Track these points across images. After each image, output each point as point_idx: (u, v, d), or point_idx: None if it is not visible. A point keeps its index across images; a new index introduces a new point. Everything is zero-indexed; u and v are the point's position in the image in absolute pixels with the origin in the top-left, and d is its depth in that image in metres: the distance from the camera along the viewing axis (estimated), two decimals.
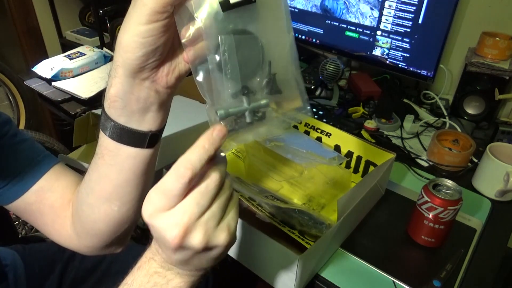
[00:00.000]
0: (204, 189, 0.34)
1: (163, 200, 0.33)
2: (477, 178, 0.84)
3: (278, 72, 0.35)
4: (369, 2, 1.10)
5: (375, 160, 0.79)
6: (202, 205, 0.34)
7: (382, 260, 0.66)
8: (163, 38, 0.34)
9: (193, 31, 0.33)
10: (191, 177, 0.33)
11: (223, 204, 0.36)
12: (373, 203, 0.77)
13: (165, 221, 0.33)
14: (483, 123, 1.05)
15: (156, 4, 0.32)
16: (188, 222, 0.33)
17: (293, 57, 0.36)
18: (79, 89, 1.12)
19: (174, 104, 0.45)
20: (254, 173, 0.83)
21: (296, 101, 0.37)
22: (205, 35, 0.32)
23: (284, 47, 0.35)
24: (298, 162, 0.72)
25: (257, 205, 0.66)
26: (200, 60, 0.34)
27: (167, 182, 0.33)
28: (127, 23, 0.34)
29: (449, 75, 1.17)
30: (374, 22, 1.11)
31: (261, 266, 0.62)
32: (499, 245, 0.72)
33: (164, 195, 0.33)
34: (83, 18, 1.82)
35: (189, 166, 0.33)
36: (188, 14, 0.32)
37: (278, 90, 0.35)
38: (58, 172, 0.54)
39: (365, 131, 1.00)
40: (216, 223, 0.35)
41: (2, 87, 1.86)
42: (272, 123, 0.36)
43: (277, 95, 0.35)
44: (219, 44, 0.32)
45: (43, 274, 0.75)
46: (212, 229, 0.35)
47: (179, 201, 0.34)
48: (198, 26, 0.32)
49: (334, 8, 1.17)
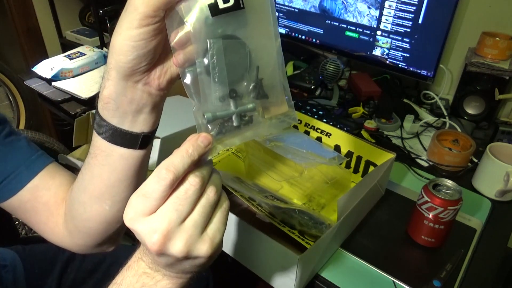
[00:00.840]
0: (183, 194, 0.33)
1: (144, 203, 0.33)
2: (477, 178, 0.84)
3: (265, 78, 0.35)
4: (367, 1, 1.10)
5: (375, 160, 0.79)
6: (181, 210, 0.33)
7: (382, 260, 0.66)
8: (154, 41, 0.35)
9: (182, 35, 0.33)
10: (173, 180, 0.32)
11: (206, 211, 0.35)
12: (373, 203, 0.77)
13: (145, 226, 0.33)
14: (483, 123, 1.05)
15: (147, 9, 0.32)
16: (167, 229, 0.32)
17: (280, 63, 0.36)
18: (79, 89, 1.12)
19: (174, 104, 0.45)
20: (254, 173, 0.83)
21: (282, 106, 0.37)
22: (194, 39, 0.33)
23: (271, 53, 0.36)
24: (298, 162, 0.72)
25: (257, 205, 0.66)
26: (189, 63, 0.35)
27: (148, 185, 0.33)
28: (119, 27, 0.35)
29: (449, 75, 1.17)
30: (373, 21, 1.11)
31: (261, 266, 0.62)
32: (499, 245, 0.72)
33: (144, 198, 0.33)
34: (83, 18, 1.82)
35: (171, 169, 0.32)
36: (178, 18, 0.33)
37: (265, 95, 0.36)
38: (52, 170, 0.55)
39: (365, 131, 1.00)
40: (199, 231, 0.34)
41: (2, 87, 1.86)
42: (259, 127, 0.36)
43: (264, 100, 0.36)
44: (207, 48, 0.33)
45: (43, 275, 0.75)
46: (194, 237, 0.34)
47: (159, 205, 0.33)
48: (187, 30, 0.32)
49: (332, 8, 1.17)
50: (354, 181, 0.83)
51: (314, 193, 0.79)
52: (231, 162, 0.88)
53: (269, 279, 0.62)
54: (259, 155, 0.89)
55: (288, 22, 1.33)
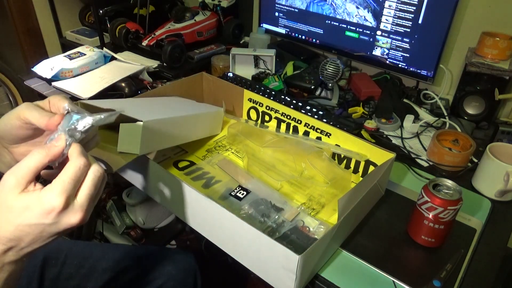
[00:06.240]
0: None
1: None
2: (477, 178, 0.84)
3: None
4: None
5: (375, 160, 0.79)
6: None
7: (382, 260, 0.66)
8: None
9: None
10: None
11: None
12: (373, 203, 0.77)
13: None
14: (483, 123, 1.05)
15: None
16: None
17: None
18: (79, 89, 1.12)
19: (172, 101, 0.45)
20: (254, 173, 0.83)
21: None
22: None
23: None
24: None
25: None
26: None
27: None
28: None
29: (449, 75, 1.17)
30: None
31: (261, 266, 0.62)
32: (499, 245, 0.72)
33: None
34: (83, 18, 1.81)
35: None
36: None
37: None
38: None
39: (365, 131, 1.00)
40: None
41: (2, 87, 1.86)
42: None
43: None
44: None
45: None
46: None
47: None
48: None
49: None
50: (354, 181, 0.83)
51: (314, 193, 0.79)
52: (231, 162, 0.88)
53: (269, 279, 0.62)
54: (259, 155, 0.89)
55: (288, 22, 1.33)
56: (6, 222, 0.39)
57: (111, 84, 1.13)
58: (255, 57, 1.25)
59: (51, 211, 0.38)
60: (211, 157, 0.89)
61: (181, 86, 1.02)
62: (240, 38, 1.52)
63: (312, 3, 1.22)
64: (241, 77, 1.09)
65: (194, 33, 1.40)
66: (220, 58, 1.30)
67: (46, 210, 0.38)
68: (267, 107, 0.95)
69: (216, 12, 1.50)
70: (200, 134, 0.90)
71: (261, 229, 0.62)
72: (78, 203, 0.40)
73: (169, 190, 0.74)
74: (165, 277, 0.84)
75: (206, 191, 0.78)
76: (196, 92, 1.07)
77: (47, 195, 0.39)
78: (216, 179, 0.81)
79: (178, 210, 0.73)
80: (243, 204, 0.75)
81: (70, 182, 0.39)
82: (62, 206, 0.39)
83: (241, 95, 0.98)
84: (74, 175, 0.40)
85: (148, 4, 1.46)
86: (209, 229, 0.69)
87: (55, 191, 0.39)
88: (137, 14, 1.47)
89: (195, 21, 1.41)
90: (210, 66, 1.31)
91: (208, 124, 0.92)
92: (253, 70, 1.26)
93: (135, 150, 0.69)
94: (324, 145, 0.85)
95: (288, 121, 0.92)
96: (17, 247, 0.39)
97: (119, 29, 1.39)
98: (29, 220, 0.38)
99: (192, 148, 0.92)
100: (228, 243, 0.66)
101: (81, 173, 0.41)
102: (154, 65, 1.28)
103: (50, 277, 0.77)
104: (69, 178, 0.40)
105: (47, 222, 0.39)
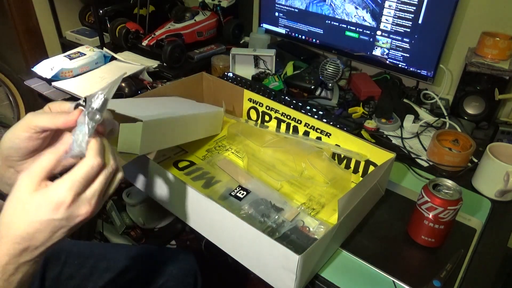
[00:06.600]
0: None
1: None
2: (477, 178, 0.84)
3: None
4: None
5: (375, 160, 0.79)
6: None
7: (382, 260, 0.66)
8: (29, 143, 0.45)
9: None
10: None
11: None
12: (373, 203, 0.77)
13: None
14: (483, 123, 1.05)
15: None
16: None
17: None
18: (79, 89, 1.12)
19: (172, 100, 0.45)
20: (254, 173, 0.83)
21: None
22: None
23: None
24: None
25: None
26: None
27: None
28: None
29: (449, 75, 1.17)
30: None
31: (261, 266, 0.62)
32: (499, 245, 0.72)
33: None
34: (83, 18, 1.81)
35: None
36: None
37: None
38: None
39: (365, 131, 1.00)
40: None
41: (2, 87, 1.86)
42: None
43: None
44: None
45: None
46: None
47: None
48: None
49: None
50: (354, 181, 0.83)
51: (314, 193, 0.79)
52: (231, 162, 0.88)
53: (269, 279, 0.62)
54: (259, 155, 0.89)
55: (288, 22, 1.33)
56: (21, 221, 0.39)
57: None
58: (255, 57, 1.25)
59: (60, 205, 0.39)
60: (211, 157, 0.89)
61: (181, 86, 1.02)
62: (240, 38, 1.52)
63: (311, 3, 1.22)
64: (241, 77, 1.09)
65: (194, 33, 1.41)
66: (220, 58, 1.30)
67: (55, 204, 0.39)
68: (267, 107, 0.95)
69: (216, 12, 1.50)
70: (200, 134, 0.90)
71: (261, 229, 0.62)
72: (87, 196, 0.41)
73: (169, 190, 0.74)
74: (165, 277, 0.84)
75: (206, 191, 0.78)
76: (196, 92, 1.07)
77: (56, 189, 0.39)
78: (216, 179, 0.81)
79: (178, 210, 0.73)
80: (243, 204, 0.75)
81: (80, 180, 0.40)
82: (71, 200, 0.39)
83: (241, 95, 0.98)
84: (85, 174, 0.40)
85: (148, 4, 1.46)
86: (209, 229, 0.69)
87: (65, 186, 0.39)
88: (137, 14, 1.47)
89: (195, 21, 1.41)
90: (210, 66, 1.31)
91: (208, 124, 0.92)
92: (253, 70, 1.26)
93: (135, 150, 0.69)
94: (324, 145, 0.85)
95: (288, 121, 0.92)
96: (31, 246, 0.40)
97: (119, 29, 1.39)
98: (41, 217, 0.39)
99: (192, 148, 0.92)
100: (228, 243, 0.66)
101: (93, 173, 0.41)
102: (154, 65, 1.28)
103: (51, 277, 0.78)
104: (80, 177, 0.40)
105: (57, 217, 0.39)
